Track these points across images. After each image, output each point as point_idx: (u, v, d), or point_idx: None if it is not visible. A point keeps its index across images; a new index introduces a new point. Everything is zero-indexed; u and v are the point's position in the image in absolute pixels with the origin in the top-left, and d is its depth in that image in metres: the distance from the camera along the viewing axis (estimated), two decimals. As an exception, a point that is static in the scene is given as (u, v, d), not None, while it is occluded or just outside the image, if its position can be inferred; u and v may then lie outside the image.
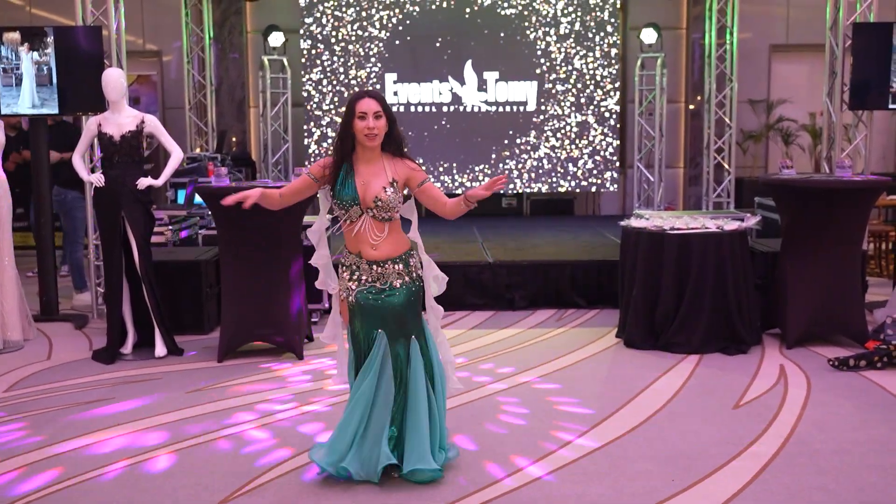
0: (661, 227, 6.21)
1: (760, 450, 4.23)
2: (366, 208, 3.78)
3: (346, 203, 3.79)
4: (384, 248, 3.82)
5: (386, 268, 3.83)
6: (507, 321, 7.10)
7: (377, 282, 3.82)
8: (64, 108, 7.20)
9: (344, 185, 3.80)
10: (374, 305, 3.81)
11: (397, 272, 3.83)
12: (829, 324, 6.24)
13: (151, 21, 11.51)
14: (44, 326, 7.00)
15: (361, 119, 3.75)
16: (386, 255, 3.82)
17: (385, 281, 3.82)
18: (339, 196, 3.80)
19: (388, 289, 3.81)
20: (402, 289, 3.83)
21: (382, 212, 3.78)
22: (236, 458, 4.20)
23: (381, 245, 3.82)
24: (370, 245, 3.82)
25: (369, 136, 3.75)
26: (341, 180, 3.81)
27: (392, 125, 3.83)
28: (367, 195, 3.77)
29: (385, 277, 3.82)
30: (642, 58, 11.05)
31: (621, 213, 11.78)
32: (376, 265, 3.82)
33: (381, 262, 3.82)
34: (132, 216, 6.02)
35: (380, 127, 3.76)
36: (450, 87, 11.16)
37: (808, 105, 11.41)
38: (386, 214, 3.80)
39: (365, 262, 3.83)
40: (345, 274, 3.89)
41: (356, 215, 3.80)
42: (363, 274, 3.84)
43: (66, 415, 4.86)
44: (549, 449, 4.27)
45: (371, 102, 3.76)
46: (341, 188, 3.80)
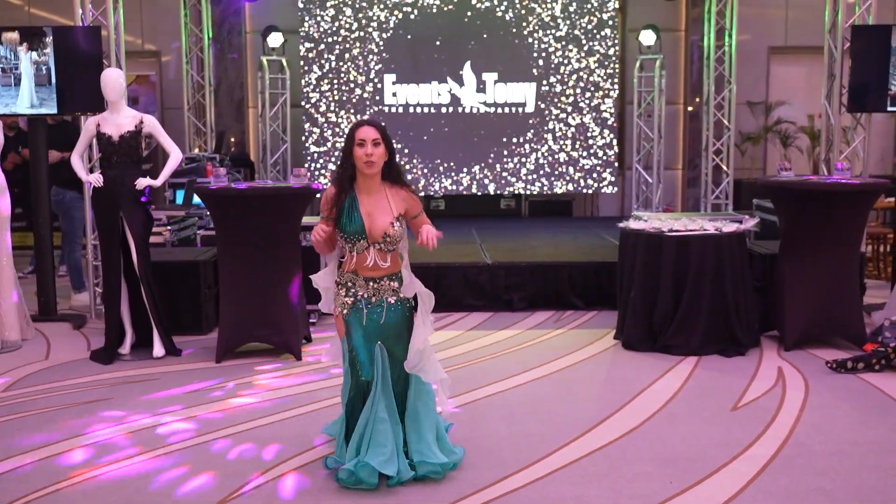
0: (660, 228, 6.22)
1: (759, 452, 4.23)
2: (373, 242, 3.85)
3: (352, 237, 3.85)
4: (381, 267, 3.89)
5: (382, 284, 3.90)
6: (505, 322, 7.10)
7: (373, 297, 3.89)
8: (63, 108, 7.19)
9: (350, 218, 3.84)
10: (370, 320, 3.87)
11: (392, 289, 3.91)
12: (828, 326, 6.25)
13: (150, 21, 11.51)
14: (42, 326, 6.99)
15: (360, 146, 3.82)
16: (382, 272, 3.89)
17: (380, 297, 3.89)
18: (346, 230, 3.84)
19: (383, 304, 3.89)
20: (397, 304, 3.92)
21: (390, 245, 3.87)
22: (233, 459, 4.20)
23: (377, 267, 3.88)
24: (367, 269, 3.89)
25: (368, 164, 3.81)
26: (346, 212, 3.85)
27: (391, 154, 3.90)
28: (374, 230, 3.83)
29: (380, 293, 3.90)
30: (641, 59, 11.06)
31: (620, 214, 11.79)
32: (372, 282, 3.89)
33: (377, 279, 3.89)
34: (131, 216, 6.01)
35: (378, 154, 3.82)
36: (448, 88, 11.17)
37: (807, 107, 11.43)
38: (392, 247, 3.88)
39: (361, 279, 3.90)
40: (341, 291, 3.94)
41: (362, 248, 3.86)
42: (359, 290, 3.90)
43: (64, 415, 4.86)
44: (547, 450, 4.27)
45: (370, 130, 3.83)
46: (347, 221, 3.84)
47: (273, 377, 5.58)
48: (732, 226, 6.26)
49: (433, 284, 7.44)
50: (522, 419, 4.74)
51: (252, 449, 4.31)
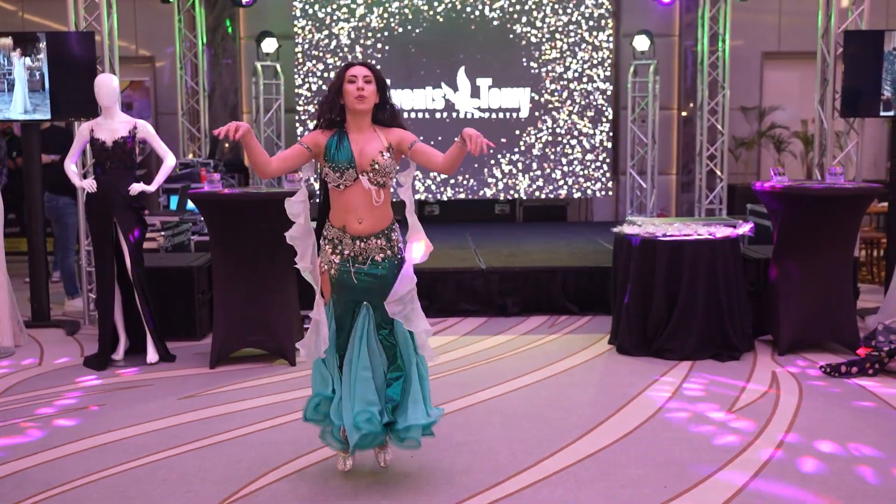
0: (654, 233, 6.22)
1: (752, 457, 4.23)
2: (361, 171, 3.75)
3: (341, 166, 3.74)
4: (369, 221, 3.80)
5: (369, 243, 3.81)
6: (499, 328, 7.10)
7: (360, 256, 3.81)
8: (56, 113, 7.19)
9: (339, 148, 3.75)
10: (357, 278, 3.80)
11: (379, 247, 3.82)
12: (822, 330, 6.26)
13: (144, 27, 11.50)
14: (35, 332, 6.98)
15: (351, 83, 3.74)
16: (369, 229, 3.80)
17: (367, 255, 3.81)
18: (334, 159, 3.75)
19: (370, 262, 3.81)
20: (385, 262, 3.83)
21: (378, 176, 3.76)
22: (228, 464, 4.19)
23: (366, 218, 3.79)
24: (356, 218, 3.80)
25: (359, 98, 3.73)
26: (335, 144, 3.77)
27: (382, 93, 3.82)
28: (363, 159, 3.74)
29: (367, 252, 3.81)
30: (635, 65, 11.07)
31: (614, 219, 11.79)
32: (359, 240, 3.81)
33: (364, 238, 3.80)
34: (124, 222, 6.01)
35: (369, 91, 3.74)
36: (443, 93, 11.18)
37: (800, 112, 11.47)
38: (381, 179, 3.77)
39: (348, 237, 3.81)
40: (327, 247, 3.87)
41: (351, 179, 3.76)
42: (346, 248, 3.82)
43: (56, 421, 4.84)
44: (541, 455, 4.27)
45: (361, 68, 3.78)
46: (336, 152, 3.75)
47: (267, 382, 5.57)
48: (726, 231, 6.28)
49: (427, 289, 7.49)
50: (517, 424, 4.74)
51: (246, 455, 4.30)
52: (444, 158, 3.76)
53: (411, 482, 3.96)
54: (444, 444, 4.40)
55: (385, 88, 3.84)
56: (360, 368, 3.79)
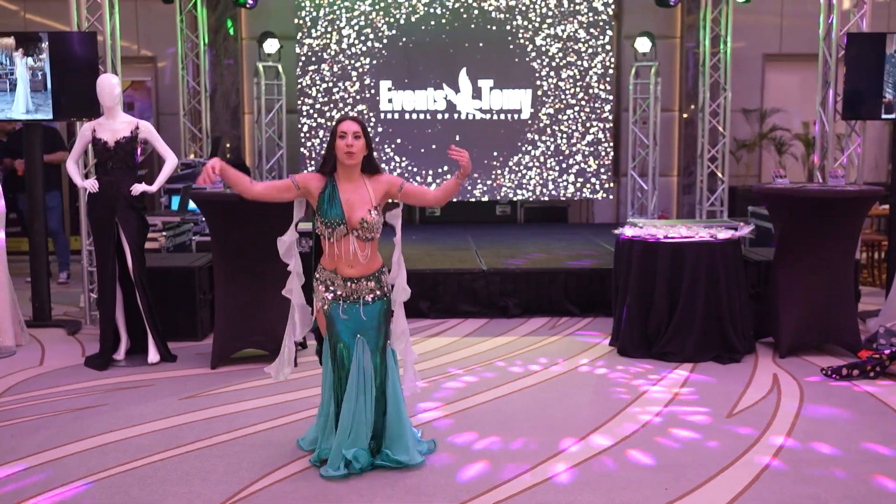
0: (655, 235, 6.22)
1: (753, 459, 4.23)
2: (351, 229, 4.03)
3: (333, 222, 4.02)
4: (358, 267, 4.08)
5: (360, 284, 4.09)
6: (500, 329, 7.10)
7: (351, 296, 4.08)
8: (58, 113, 7.20)
9: (331, 203, 4.03)
10: (349, 316, 4.08)
11: (369, 288, 4.11)
12: (822, 333, 6.26)
13: (146, 27, 11.51)
14: (37, 332, 6.98)
15: (342, 138, 4.03)
16: (360, 273, 4.09)
17: (358, 295, 4.09)
18: (327, 215, 4.03)
19: (362, 302, 4.09)
20: (375, 303, 4.12)
21: (367, 233, 4.05)
22: (229, 465, 4.19)
23: (355, 264, 4.07)
24: (346, 264, 4.07)
25: (348, 154, 4.01)
26: (327, 199, 4.04)
27: (370, 149, 4.11)
28: (353, 217, 4.02)
29: (358, 293, 4.09)
30: (636, 66, 11.08)
31: (615, 220, 11.80)
32: (351, 282, 4.08)
33: (355, 279, 4.08)
34: (126, 222, 6.01)
35: (358, 147, 4.03)
36: (444, 94, 11.18)
37: (802, 114, 11.47)
38: (370, 235, 4.06)
39: (340, 279, 4.08)
40: (320, 287, 4.14)
41: (341, 234, 4.04)
42: (338, 289, 4.09)
43: (57, 421, 4.84)
44: (541, 458, 4.27)
45: (351, 124, 4.05)
46: (328, 207, 4.03)
47: (268, 383, 5.56)
48: (727, 233, 6.28)
49: (428, 290, 7.51)
50: (516, 426, 4.74)
51: (247, 455, 4.30)
52: (439, 191, 4.16)
53: (411, 484, 3.96)
54: (444, 446, 4.40)
55: (370, 142, 4.12)
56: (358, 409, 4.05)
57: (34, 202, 7.28)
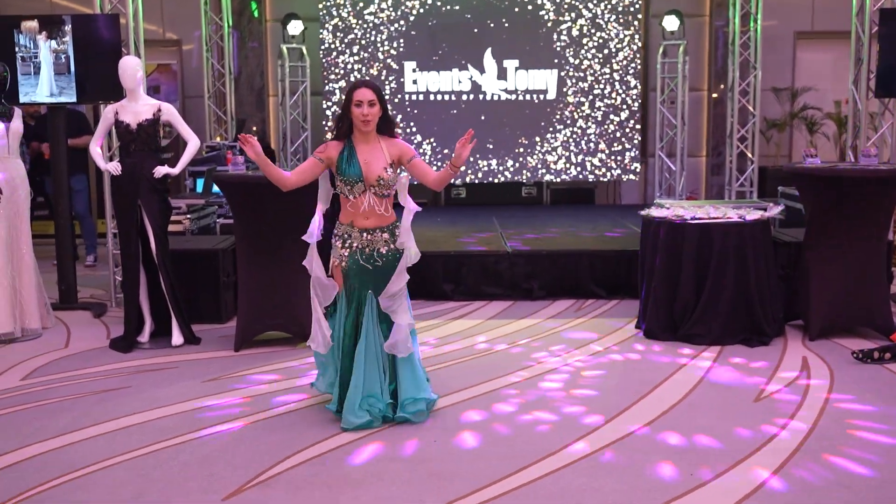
0: (682, 216, 6.12)
1: (780, 445, 4.15)
2: (369, 185, 4.30)
3: (351, 180, 4.29)
4: (374, 219, 4.34)
5: (375, 235, 4.35)
6: (524, 311, 7.03)
7: (367, 247, 4.33)
8: (82, 96, 7.21)
9: (349, 163, 4.29)
10: (364, 269, 4.34)
11: (384, 240, 4.37)
12: (854, 315, 6.13)
13: (171, 10, 11.51)
14: (63, 315, 7.02)
15: (358, 107, 4.27)
16: (375, 224, 4.35)
17: (373, 247, 4.34)
18: (345, 173, 4.30)
19: (375, 254, 4.34)
20: (388, 255, 4.37)
21: (383, 189, 4.32)
22: (249, 448, 4.17)
23: (371, 217, 4.33)
24: (363, 216, 4.33)
25: (364, 122, 4.27)
26: (346, 159, 4.30)
27: (385, 111, 4.34)
28: (370, 174, 4.28)
29: (373, 244, 4.34)
30: (664, 45, 10.91)
31: (642, 202, 11.67)
32: (366, 232, 4.34)
33: (370, 230, 4.34)
34: (149, 205, 6.01)
35: (373, 114, 4.28)
36: (469, 75, 11.08)
37: (834, 93, 11.24)
38: (386, 191, 4.34)
39: (356, 230, 4.35)
40: (337, 243, 4.40)
41: (359, 191, 4.31)
42: (354, 241, 4.35)
43: (80, 404, 4.86)
44: (563, 442, 4.21)
45: (367, 92, 4.26)
46: (347, 166, 4.29)
47: (290, 366, 5.55)
48: (756, 213, 6.16)
49: (452, 273, 7.45)
50: (538, 410, 4.68)
51: (267, 439, 4.29)
52: (436, 176, 4.37)
53: (433, 468, 3.92)
54: (464, 430, 4.36)
55: (386, 105, 4.35)
56: (369, 360, 4.33)
57: (58, 186, 7.31)
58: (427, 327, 6.50)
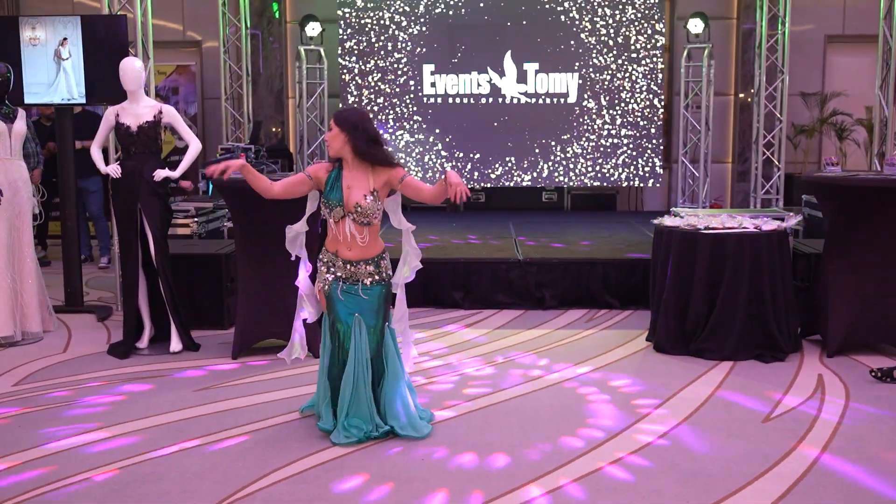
0: (695, 226, 5.91)
1: (787, 469, 3.93)
2: (348, 212, 4.24)
3: (331, 204, 4.28)
4: (357, 250, 4.28)
5: (358, 267, 4.30)
6: (535, 321, 6.85)
7: (350, 279, 4.29)
8: (90, 97, 7.14)
9: (332, 188, 4.28)
10: (348, 296, 4.28)
11: (368, 272, 4.30)
12: (875, 331, 5.88)
13: (192, 9, 11.46)
14: (67, 318, 6.95)
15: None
16: (359, 256, 4.29)
17: (357, 279, 4.29)
18: (327, 197, 4.29)
19: (359, 286, 4.28)
20: (373, 286, 4.30)
21: (362, 217, 4.24)
22: (231, 463, 4.03)
23: (354, 247, 4.27)
24: (346, 246, 4.29)
25: (328, 146, 4.30)
26: (330, 184, 4.29)
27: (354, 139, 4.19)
28: (349, 200, 4.24)
29: (357, 276, 4.29)
30: (689, 48, 10.67)
31: (665, 208, 11.40)
32: (350, 264, 4.30)
33: (353, 263, 4.29)
34: (149, 209, 5.90)
35: (330, 138, 4.24)
36: (489, 78, 10.90)
37: (865, 98, 10.89)
38: (365, 220, 4.25)
39: (340, 261, 4.30)
40: (322, 268, 4.37)
41: (339, 216, 4.27)
42: (338, 271, 4.31)
43: (66, 413, 4.75)
44: (562, 460, 4.03)
45: (333, 121, 4.28)
46: (330, 190, 4.29)
47: (286, 375, 5.41)
48: (773, 224, 5.93)
49: (461, 280, 7.28)
50: (541, 425, 4.50)
51: (250, 453, 4.15)
52: (431, 192, 4.23)
53: (426, 482, 3.76)
54: (463, 445, 4.20)
55: (356, 132, 4.18)
56: (360, 385, 4.25)
57: (66, 188, 7.25)
58: (436, 335, 6.35)
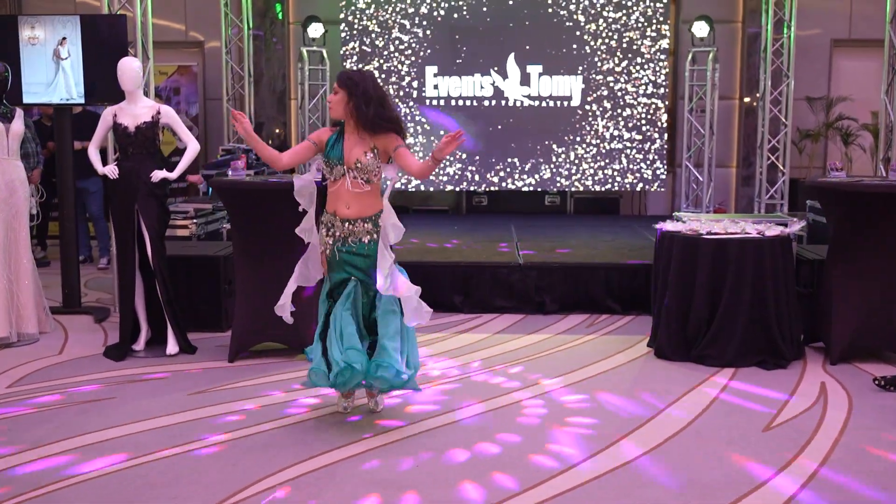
0: (697, 231, 5.84)
1: (786, 481, 3.86)
2: (347, 168, 4.37)
3: (332, 162, 4.41)
4: (355, 208, 4.39)
5: (357, 225, 4.40)
6: (535, 326, 6.78)
7: (349, 237, 4.40)
8: (90, 97, 7.09)
9: (333, 147, 4.42)
10: (346, 257, 4.41)
11: (366, 230, 4.41)
12: (879, 339, 5.80)
13: (195, 9, 11.42)
14: (64, 319, 6.91)
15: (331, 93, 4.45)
16: (357, 214, 4.39)
17: (356, 237, 4.40)
18: (328, 156, 4.43)
19: (358, 243, 4.39)
20: (371, 244, 4.41)
21: (362, 174, 4.37)
22: (222, 469, 3.97)
23: (353, 205, 4.38)
24: (344, 204, 4.39)
25: (330, 108, 4.43)
26: (332, 144, 4.44)
27: (357, 103, 4.29)
28: (350, 157, 4.37)
29: (356, 234, 4.40)
30: (693, 52, 10.60)
31: (669, 213, 11.33)
32: (348, 223, 4.40)
33: (352, 220, 4.40)
34: (146, 210, 5.85)
35: (335, 101, 4.36)
36: (492, 80, 10.85)
37: (871, 103, 10.81)
38: (364, 177, 4.37)
39: (339, 220, 4.41)
40: (322, 230, 4.50)
41: (339, 174, 4.39)
42: (337, 230, 4.42)
43: (60, 415, 4.70)
44: (560, 468, 3.96)
45: (336, 83, 4.40)
46: (331, 149, 4.43)
47: (282, 379, 5.36)
48: (777, 229, 5.86)
49: (461, 284, 7.22)
50: (538, 433, 4.44)
51: (242, 459, 4.09)
52: (419, 167, 4.34)
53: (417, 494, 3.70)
54: (460, 453, 4.14)
55: (360, 98, 4.29)
56: (346, 324, 4.33)
57: (64, 188, 7.20)
58: (430, 340, 6.29)
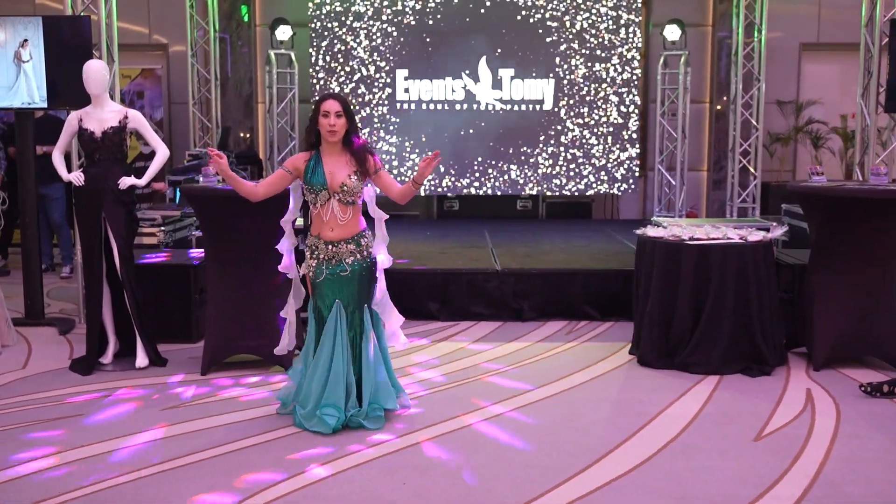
0: (679, 236, 5.77)
1: (783, 492, 3.78)
2: (332, 193, 4.42)
3: (315, 188, 4.42)
4: (339, 230, 4.46)
5: (340, 247, 4.48)
6: (514, 333, 6.66)
7: (332, 259, 4.47)
8: (53, 101, 6.85)
9: (314, 173, 4.42)
10: (331, 278, 4.47)
11: (349, 251, 4.48)
12: (861, 344, 5.76)
13: (158, 11, 11.17)
14: (27, 331, 6.66)
15: (325, 117, 4.39)
16: (340, 235, 4.47)
17: (339, 258, 4.46)
18: (310, 182, 4.43)
19: (341, 264, 4.46)
20: (354, 265, 4.49)
21: (347, 196, 4.43)
22: (197, 489, 3.79)
23: (336, 228, 4.45)
24: (329, 227, 4.45)
25: (331, 133, 4.40)
26: (311, 169, 4.44)
27: (352, 123, 4.43)
28: (334, 182, 4.41)
29: (339, 256, 4.47)
30: (665, 55, 10.56)
31: (641, 216, 11.32)
32: (332, 245, 4.47)
33: (335, 243, 4.47)
34: (113, 218, 5.65)
35: (340, 125, 4.39)
36: (463, 84, 10.72)
37: (840, 107, 10.87)
38: (350, 199, 4.44)
39: (322, 243, 4.48)
40: (307, 253, 4.55)
41: (324, 199, 4.43)
42: (321, 253, 4.49)
43: (24, 436, 4.48)
44: (546, 486, 3.84)
45: (334, 104, 4.41)
46: (312, 175, 4.43)
47: (255, 396, 5.18)
48: (759, 234, 5.80)
49: (438, 291, 7.09)
50: (521, 449, 4.31)
51: (218, 479, 3.92)
52: (399, 190, 4.48)
53: None
54: (437, 471, 4.00)
55: (353, 118, 4.45)
56: (334, 365, 4.41)
57: (26, 195, 6.95)
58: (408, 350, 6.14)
